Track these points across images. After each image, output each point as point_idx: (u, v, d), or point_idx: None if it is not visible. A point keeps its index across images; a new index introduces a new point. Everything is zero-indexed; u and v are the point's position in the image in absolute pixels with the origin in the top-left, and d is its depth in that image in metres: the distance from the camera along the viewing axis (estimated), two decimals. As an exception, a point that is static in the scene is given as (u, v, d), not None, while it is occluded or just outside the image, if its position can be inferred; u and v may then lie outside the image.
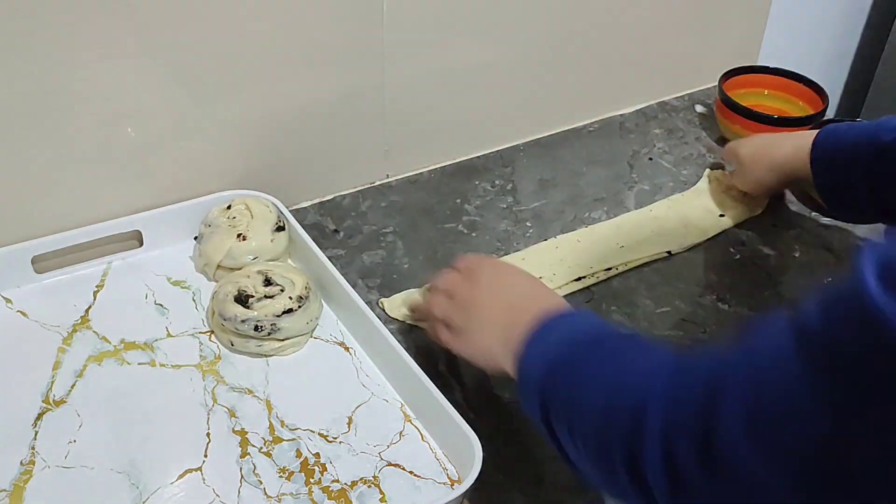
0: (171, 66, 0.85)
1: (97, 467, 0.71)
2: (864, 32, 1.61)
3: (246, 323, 0.79)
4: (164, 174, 0.91)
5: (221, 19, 0.85)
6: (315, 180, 1.02)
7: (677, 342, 0.86)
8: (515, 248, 0.97)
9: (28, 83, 0.79)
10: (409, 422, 0.76)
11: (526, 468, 0.74)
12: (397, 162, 1.06)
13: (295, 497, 0.70)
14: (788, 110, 1.16)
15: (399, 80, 1.00)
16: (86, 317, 0.84)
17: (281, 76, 0.92)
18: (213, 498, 0.69)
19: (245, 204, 0.90)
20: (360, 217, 1.00)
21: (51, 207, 0.87)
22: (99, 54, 0.81)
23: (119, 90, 0.84)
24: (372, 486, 0.71)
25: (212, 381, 0.79)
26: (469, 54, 1.03)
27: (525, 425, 0.77)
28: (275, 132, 0.95)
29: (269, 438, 0.74)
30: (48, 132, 0.83)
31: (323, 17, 0.91)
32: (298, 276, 0.84)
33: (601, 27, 1.12)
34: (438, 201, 1.04)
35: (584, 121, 1.19)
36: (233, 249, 0.87)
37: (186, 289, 0.88)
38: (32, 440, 0.72)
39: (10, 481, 0.69)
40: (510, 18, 1.04)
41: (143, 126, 0.87)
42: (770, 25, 1.30)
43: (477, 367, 0.73)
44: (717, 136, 1.17)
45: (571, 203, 1.04)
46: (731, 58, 1.23)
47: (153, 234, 0.91)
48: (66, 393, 0.77)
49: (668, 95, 1.25)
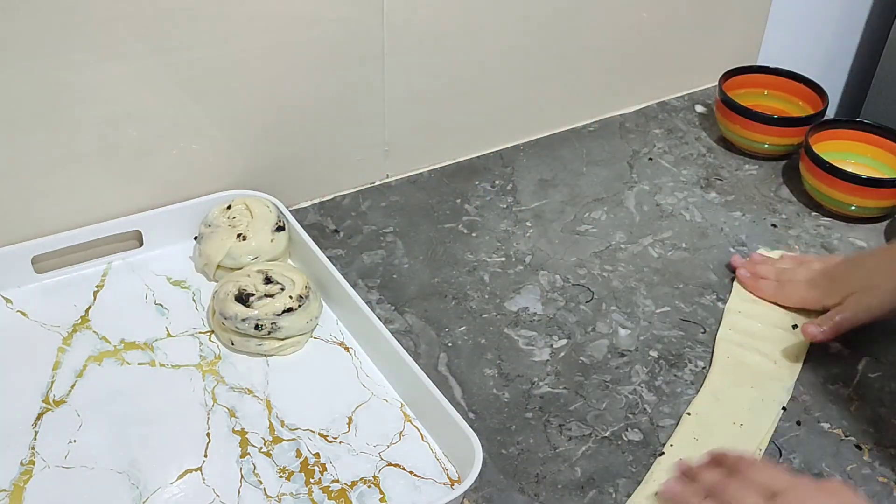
0: (171, 66, 0.85)
1: (97, 467, 0.71)
2: (864, 32, 1.61)
3: (246, 322, 0.79)
4: (164, 174, 0.91)
5: (221, 19, 0.85)
6: (315, 180, 1.02)
7: (677, 342, 0.86)
8: (515, 247, 0.97)
9: (28, 83, 0.79)
10: (409, 422, 0.76)
11: (526, 468, 0.74)
12: (397, 162, 1.06)
13: (295, 497, 0.70)
14: (788, 110, 1.16)
15: (399, 80, 1.00)
16: (86, 317, 0.84)
17: (281, 76, 0.92)
18: (213, 498, 0.69)
19: (245, 204, 0.90)
20: (360, 217, 1.00)
21: (51, 207, 0.87)
22: (99, 54, 0.81)
23: (119, 90, 0.84)
24: (372, 486, 0.71)
25: (212, 381, 0.79)
26: (469, 54, 1.03)
27: (525, 425, 0.77)
28: (275, 132, 0.95)
29: (269, 438, 0.74)
30: (48, 132, 0.83)
31: (323, 17, 0.91)
32: (299, 276, 0.84)
33: (601, 27, 1.12)
34: (438, 201, 1.04)
35: (584, 121, 1.19)
36: (233, 249, 0.87)
37: (186, 289, 0.88)
38: (32, 440, 0.72)
39: (10, 481, 0.69)
40: (510, 18, 1.04)
41: (143, 126, 0.87)
42: (770, 25, 1.30)
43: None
44: (717, 136, 1.17)
45: (571, 203, 1.04)
46: (731, 58, 1.23)
47: (153, 234, 0.91)
48: (66, 393, 0.77)
49: (668, 95, 1.25)
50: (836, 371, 0.84)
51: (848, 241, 1.00)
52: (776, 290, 0.90)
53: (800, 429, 0.78)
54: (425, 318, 0.87)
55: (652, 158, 1.13)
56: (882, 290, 0.84)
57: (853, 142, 1.08)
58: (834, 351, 0.86)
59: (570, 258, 0.96)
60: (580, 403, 0.80)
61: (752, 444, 0.76)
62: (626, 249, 0.98)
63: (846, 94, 1.69)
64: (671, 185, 1.08)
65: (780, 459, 0.75)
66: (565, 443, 0.76)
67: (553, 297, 0.91)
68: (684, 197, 1.06)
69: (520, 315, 0.88)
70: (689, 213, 1.04)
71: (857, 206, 1.01)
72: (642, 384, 0.82)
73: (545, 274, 0.94)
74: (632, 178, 1.09)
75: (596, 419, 0.78)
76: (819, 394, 0.81)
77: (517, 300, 0.90)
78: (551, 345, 0.85)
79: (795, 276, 0.89)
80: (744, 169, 1.11)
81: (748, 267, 0.93)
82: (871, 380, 0.83)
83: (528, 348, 0.85)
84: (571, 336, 0.86)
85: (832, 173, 1.00)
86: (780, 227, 1.02)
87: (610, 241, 0.99)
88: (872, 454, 0.76)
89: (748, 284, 0.91)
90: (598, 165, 1.11)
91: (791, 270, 0.90)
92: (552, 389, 0.81)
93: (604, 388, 0.81)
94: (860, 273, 0.87)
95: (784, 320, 0.88)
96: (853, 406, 0.80)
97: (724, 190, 1.08)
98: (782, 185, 1.09)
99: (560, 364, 0.83)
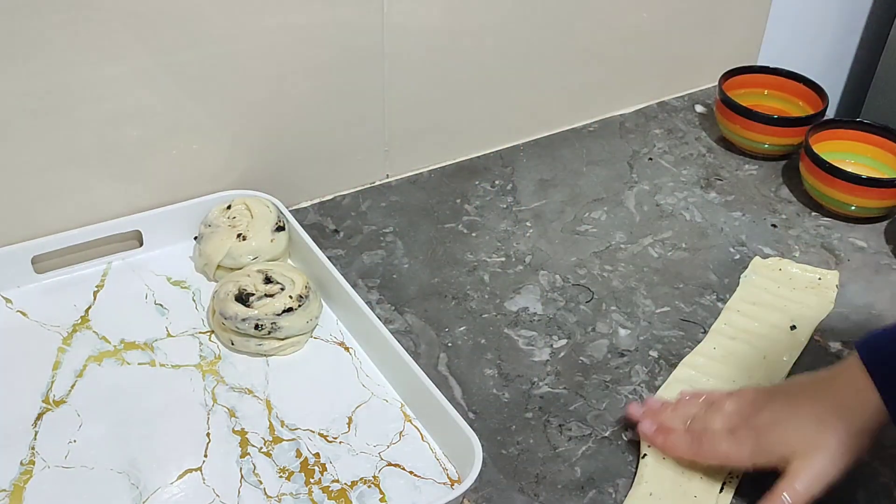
0: (170, 66, 0.85)
1: (97, 467, 0.71)
2: (864, 32, 1.61)
3: (246, 322, 0.79)
4: (164, 174, 0.91)
5: (221, 19, 0.85)
6: (315, 180, 1.02)
7: (677, 342, 0.86)
8: (515, 247, 0.97)
9: (28, 83, 0.79)
10: (409, 422, 0.76)
11: (526, 468, 0.74)
12: (397, 162, 1.06)
13: (295, 497, 0.70)
14: (788, 110, 1.16)
15: (399, 80, 1.00)
16: (86, 317, 0.84)
17: (281, 76, 0.92)
18: (213, 498, 0.69)
19: (245, 204, 0.90)
20: (360, 217, 1.00)
21: (51, 207, 0.87)
22: (99, 54, 0.81)
23: (119, 90, 0.84)
24: (372, 486, 0.71)
25: (212, 381, 0.79)
26: (469, 54, 1.03)
27: (525, 425, 0.77)
28: (275, 132, 0.95)
29: (269, 438, 0.74)
30: (48, 132, 0.83)
31: (323, 17, 0.91)
32: (299, 276, 0.84)
33: (601, 27, 1.12)
34: (438, 201, 1.04)
35: (584, 121, 1.19)
36: (233, 249, 0.87)
37: (186, 289, 0.88)
38: (32, 440, 0.72)
39: (10, 481, 0.69)
40: (510, 18, 1.04)
41: (143, 126, 0.87)
42: (770, 25, 1.30)
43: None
44: (717, 136, 1.17)
45: (571, 203, 1.04)
46: (731, 58, 1.23)
47: (153, 234, 0.91)
48: (66, 393, 0.77)
49: (668, 95, 1.25)
50: (836, 371, 0.84)
51: (848, 241, 1.00)
52: (690, 444, 0.72)
53: (800, 429, 0.78)
54: (425, 318, 0.87)
55: (652, 158, 1.13)
56: (830, 449, 0.67)
57: (853, 142, 1.08)
58: (834, 351, 0.86)
59: (570, 258, 0.96)
60: (580, 403, 0.80)
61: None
62: (626, 249, 0.98)
63: (846, 94, 1.69)
64: (671, 185, 1.08)
65: (780, 459, 0.75)
66: (565, 443, 0.76)
67: (553, 297, 0.91)
68: (684, 197, 1.06)
69: (520, 315, 0.88)
70: (689, 213, 1.04)
71: (857, 206, 1.01)
72: (642, 384, 0.82)
73: (545, 274, 0.94)
74: (632, 178, 1.09)
75: (596, 419, 0.78)
76: (819, 394, 0.81)
77: (517, 300, 0.90)
78: (551, 345, 0.85)
79: (710, 425, 0.72)
80: (744, 169, 1.11)
81: (650, 417, 0.75)
82: (871, 380, 0.83)
83: (528, 348, 0.85)
84: (571, 336, 0.86)
85: (832, 173, 1.00)
86: (780, 227, 1.02)
87: (610, 241, 0.99)
88: (872, 454, 0.76)
89: (656, 442, 0.74)
90: (598, 165, 1.11)
91: (702, 419, 0.73)
92: (552, 389, 0.81)
93: (604, 388, 0.81)
94: (794, 428, 0.69)
95: (783, 321, 0.88)
96: (853, 406, 0.80)
97: (724, 190, 1.08)
98: (782, 185, 1.09)
99: (560, 364, 0.83)
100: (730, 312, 0.89)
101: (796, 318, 0.88)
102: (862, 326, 0.87)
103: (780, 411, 0.70)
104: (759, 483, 0.69)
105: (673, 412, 0.75)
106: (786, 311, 0.89)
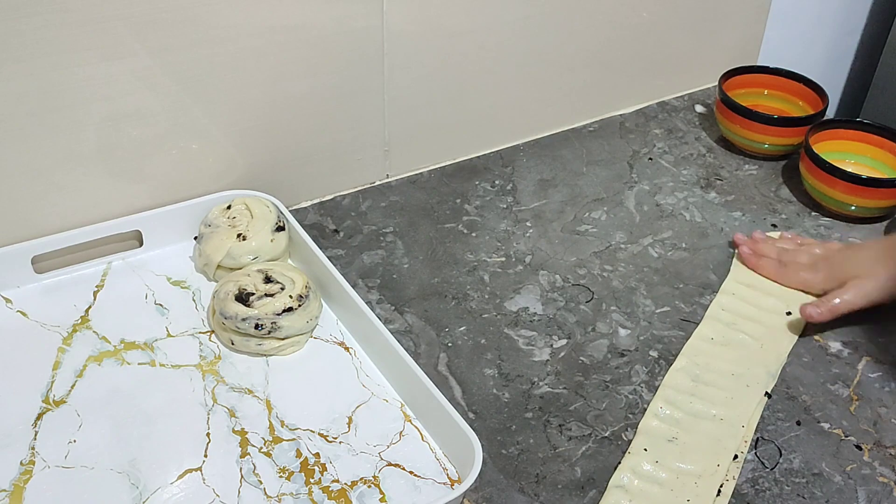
0: (170, 65, 0.85)
1: (97, 467, 0.71)
2: (864, 32, 1.61)
3: (247, 321, 0.79)
4: (164, 174, 0.91)
5: (221, 19, 0.85)
6: (315, 180, 1.02)
7: (677, 342, 0.86)
8: (515, 247, 0.97)
9: (28, 83, 0.79)
10: (409, 422, 0.76)
11: (526, 468, 0.74)
12: (397, 162, 1.06)
13: (295, 497, 0.70)
14: (788, 110, 1.16)
15: (399, 80, 1.00)
16: (86, 317, 0.84)
17: (281, 76, 0.92)
18: (213, 498, 0.69)
19: (245, 204, 0.90)
20: (360, 217, 1.00)
21: (51, 207, 0.87)
22: (99, 54, 0.81)
23: (119, 90, 0.84)
24: (372, 486, 0.71)
25: (212, 381, 0.79)
26: (469, 54, 1.03)
27: (525, 425, 0.77)
28: (275, 132, 0.95)
29: (269, 438, 0.74)
30: (48, 132, 0.83)
31: (323, 17, 0.91)
32: (299, 275, 0.84)
33: (601, 27, 1.12)
34: (438, 201, 1.04)
35: (584, 121, 1.19)
36: (233, 249, 0.87)
37: (186, 289, 0.88)
38: (32, 440, 0.72)
39: (10, 481, 0.69)
40: (510, 18, 1.04)
41: (143, 126, 0.87)
42: (770, 25, 1.30)
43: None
44: (717, 136, 1.17)
45: (571, 203, 1.04)
46: (731, 58, 1.23)
47: (153, 234, 0.91)
48: (66, 393, 0.77)
49: (668, 95, 1.25)
50: (836, 371, 0.84)
51: (848, 240, 1.00)
52: (777, 269, 0.92)
53: (800, 429, 0.78)
54: (425, 318, 0.87)
55: (652, 158, 1.13)
56: (881, 278, 0.86)
57: (853, 142, 1.08)
58: (834, 351, 0.86)
59: (570, 258, 0.96)
60: (580, 403, 0.80)
61: (736, 434, 0.76)
62: (626, 249, 0.98)
63: (846, 94, 1.69)
64: (671, 185, 1.08)
65: (780, 459, 0.75)
66: (565, 443, 0.76)
67: (553, 297, 0.91)
68: (684, 197, 1.06)
69: (520, 315, 0.88)
70: (689, 213, 1.04)
71: (857, 206, 1.01)
72: (642, 384, 0.82)
73: (545, 274, 0.94)
74: (632, 178, 1.09)
75: (596, 419, 0.78)
76: (819, 394, 0.81)
77: (517, 300, 0.90)
78: (551, 345, 0.85)
79: (797, 258, 0.92)
80: (744, 169, 1.12)
81: (750, 244, 0.95)
82: (871, 380, 0.83)
83: (528, 348, 0.85)
84: (571, 336, 0.86)
85: (832, 173, 1.00)
86: (780, 227, 1.02)
87: (610, 241, 0.99)
88: (872, 454, 0.76)
89: (750, 262, 0.93)
90: (598, 165, 1.11)
91: (792, 252, 0.93)
92: (552, 389, 0.81)
93: (604, 388, 0.81)
94: (860, 260, 0.89)
95: (778, 307, 0.89)
96: (853, 406, 0.80)
97: (724, 190, 1.08)
98: (782, 185, 1.09)
99: (560, 364, 0.83)
100: (724, 296, 0.90)
101: (792, 304, 0.89)
102: (862, 326, 0.87)
103: (851, 252, 0.91)
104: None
105: (769, 244, 0.94)
106: (781, 297, 0.90)
